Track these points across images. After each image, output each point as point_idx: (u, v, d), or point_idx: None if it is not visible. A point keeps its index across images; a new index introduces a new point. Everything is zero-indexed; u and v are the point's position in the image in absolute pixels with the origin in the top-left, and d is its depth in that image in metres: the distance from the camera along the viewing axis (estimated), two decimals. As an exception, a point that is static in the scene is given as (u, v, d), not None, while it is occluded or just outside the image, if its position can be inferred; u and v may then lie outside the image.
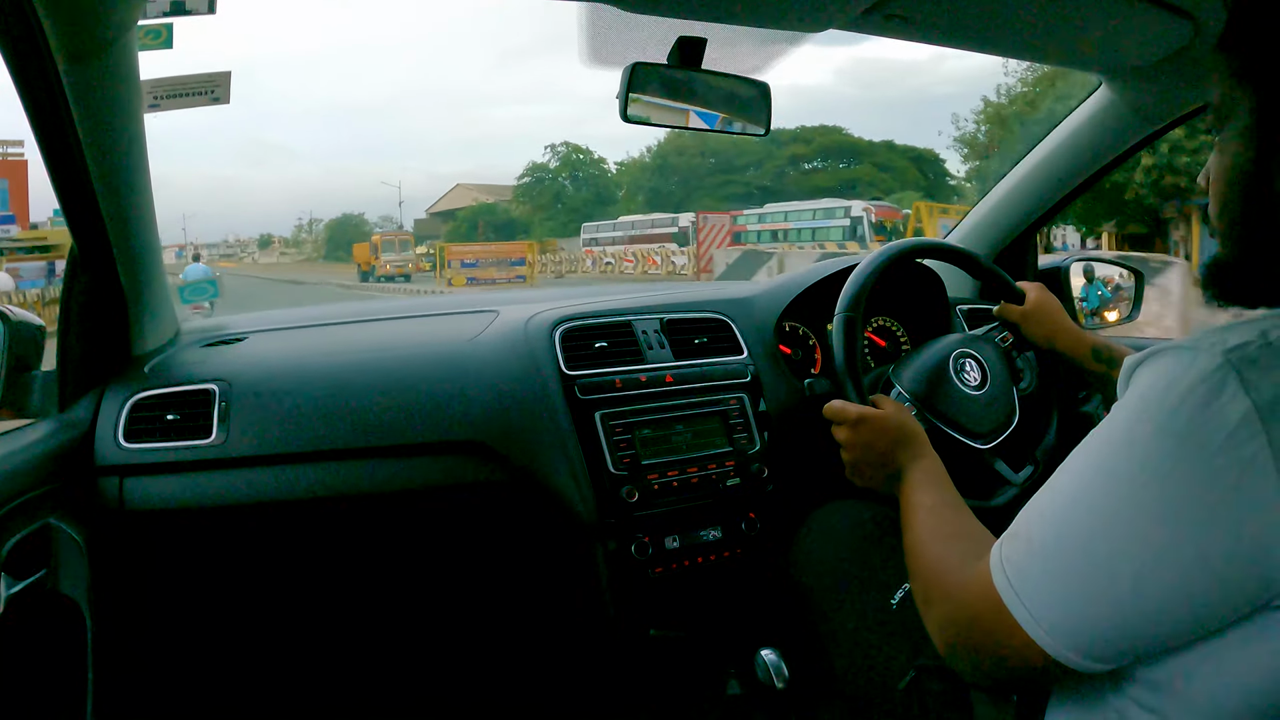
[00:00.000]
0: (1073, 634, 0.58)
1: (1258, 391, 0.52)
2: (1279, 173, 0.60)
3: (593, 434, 1.25)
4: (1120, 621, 0.57)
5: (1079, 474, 0.61)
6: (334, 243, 68.28)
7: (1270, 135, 0.60)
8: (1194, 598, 0.54)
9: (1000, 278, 1.29)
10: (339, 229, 69.59)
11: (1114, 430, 0.59)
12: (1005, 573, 0.63)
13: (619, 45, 1.23)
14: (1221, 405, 0.53)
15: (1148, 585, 0.55)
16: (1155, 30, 1.21)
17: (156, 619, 1.35)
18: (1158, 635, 0.57)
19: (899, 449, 0.98)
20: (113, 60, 1.05)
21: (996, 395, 1.19)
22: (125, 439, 1.21)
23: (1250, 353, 0.54)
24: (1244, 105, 0.62)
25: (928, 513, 0.86)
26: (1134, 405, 0.58)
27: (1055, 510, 0.62)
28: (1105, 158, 1.54)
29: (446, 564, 1.44)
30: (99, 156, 1.11)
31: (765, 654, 1.22)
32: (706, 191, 47.16)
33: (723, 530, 1.31)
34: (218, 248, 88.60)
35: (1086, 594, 0.58)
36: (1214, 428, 0.53)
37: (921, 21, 1.19)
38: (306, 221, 79.70)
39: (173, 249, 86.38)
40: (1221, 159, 0.65)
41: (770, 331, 1.43)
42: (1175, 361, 0.56)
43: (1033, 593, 0.60)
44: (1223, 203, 0.66)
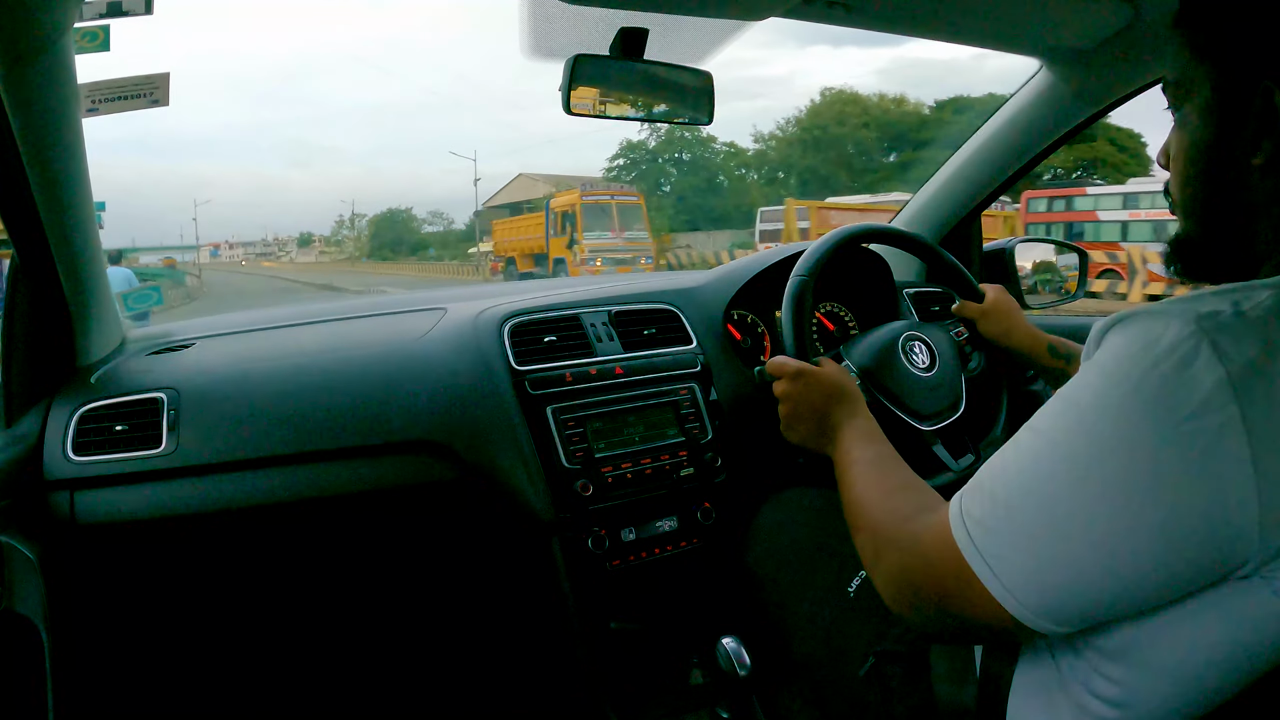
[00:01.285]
0: (1034, 596, 0.58)
1: (1230, 360, 0.52)
2: (1239, 149, 0.60)
3: (545, 428, 1.25)
4: (1084, 585, 0.56)
5: (1047, 433, 0.60)
6: (379, 239, 64.38)
7: (1229, 112, 0.61)
8: (1159, 564, 0.54)
9: (962, 275, 1.31)
10: (385, 225, 65.45)
11: (1083, 391, 0.58)
12: (966, 526, 0.62)
13: (560, 37, 1.22)
14: (1194, 372, 0.52)
15: (1113, 550, 0.55)
16: (1096, 13, 1.23)
17: (115, 634, 1.34)
18: (1122, 600, 0.57)
19: (835, 405, 0.99)
20: (49, 64, 1.03)
21: (943, 380, 1.21)
22: (74, 452, 1.19)
23: (1223, 320, 0.54)
24: (1203, 82, 0.62)
25: (868, 465, 0.86)
26: (1105, 368, 0.57)
27: (1022, 468, 0.60)
28: (1047, 139, 1.55)
29: (404, 564, 1.44)
30: (37, 162, 1.09)
31: (726, 642, 1.22)
32: (885, 171, 36.05)
33: (678, 520, 1.32)
34: (255, 246, 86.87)
35: (1050, 556, 0.57)
36: (1186, 394, 0.52)
37: (862, 8, 1.20)
38: (348, 216, 73.78)
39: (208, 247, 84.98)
40: (1181, 136, 0.66)
41: (719, 320, 1.44)
42: (1148, 326, 0.56)
43: (995, 550, 0.59)
44: (1183, 179, 0.66)
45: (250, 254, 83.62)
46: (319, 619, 1.48)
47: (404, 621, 1.51)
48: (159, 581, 1.34)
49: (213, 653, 1.44)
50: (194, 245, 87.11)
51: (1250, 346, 0.52)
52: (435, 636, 1.53)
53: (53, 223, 1.16)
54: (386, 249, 61.25)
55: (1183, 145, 0.66)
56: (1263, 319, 0.54)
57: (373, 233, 67.01)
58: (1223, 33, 0.61)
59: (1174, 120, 0.67)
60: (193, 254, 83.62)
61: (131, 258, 48.91)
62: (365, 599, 1.47)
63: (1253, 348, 0.52)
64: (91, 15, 1.29)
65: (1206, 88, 0.62)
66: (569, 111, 1.19)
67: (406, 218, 65.75)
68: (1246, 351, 0.52)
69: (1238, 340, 0.53)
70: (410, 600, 1.49)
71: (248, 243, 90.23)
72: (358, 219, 71.83)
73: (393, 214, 66.31)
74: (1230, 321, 0.54)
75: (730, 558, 1.26)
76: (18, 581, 1.09)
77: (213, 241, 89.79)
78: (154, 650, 1.40)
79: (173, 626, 1.39)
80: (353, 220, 72.60)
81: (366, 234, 68.39)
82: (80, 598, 1.22)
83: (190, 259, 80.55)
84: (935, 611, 0.66)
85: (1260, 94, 0.58)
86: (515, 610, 1.46)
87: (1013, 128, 1.57)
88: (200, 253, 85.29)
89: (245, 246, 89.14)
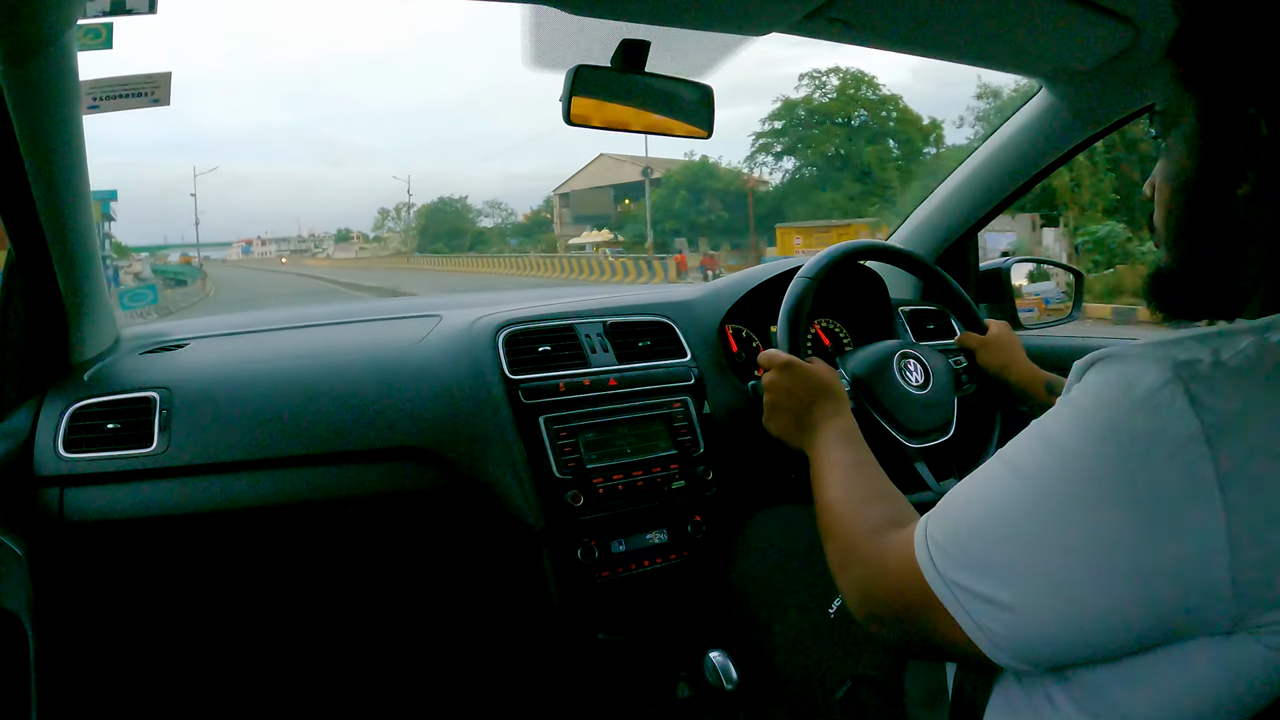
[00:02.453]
0: (997, 629, 0.56)
1: (1207, 411, 0.50)
2: (1224, 178, 0.59)
3: (537, 438, 1.25)
4: (1044, 627, 0.55)
5: (1018, 468, 0.58)
6: (431, 232, 57.70)
7: (1215, 139, 0.60)
8: (1124, 613, 0.52)
9: (967, 305, 1.32)
10: (437, 216, 58.44)
11: (1058, 429, 0.57)
12: (929, 550, 0.61)
13: (562, 48, 1.23)
14: (1168, 422, 0.50)
15: (1076, 595, 0.53)
16: (1096, 35, 1.23)
17: (100, 632, 1.33)
18: (1085, 645, 0.55)
19: (819, 401, 0.98)
20: (52, 61, 1.03)
21: (935, 400, 1.21)
22: (65, 449, 1.19)
23: (1201, 370, 0.52)
24: (1189, 113, 0.61)
25: (845, 470, 0.85)
26: (1081, 408, 0.55)
27: (989, 500, 0.59)
28: (1046, 159, 1.56)
29: (393, 571, 1.43)
30: (37, 158, 1.09)
31: (714, 656, 1.22)
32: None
33: (668, 533, 1.31)
34: (289, 242, 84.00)
35: (1008, 593, 0.55)
36: (1159, 443, 0.51)
37: (863, 26, 1.20)
38: (394, 208, 65.47)
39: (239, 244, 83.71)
40: (1166, 165, 0.65)
41: (714, 334, 1.44)
42: (1124, 371, 0.54)
43: (956, 578, 0.58)
44: (1167, 209, 0.65)
45: (285, 250, 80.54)
46: (307, 623, 1.47)
47: (392, 628, 1.51)
48: (146, 581, 1.33)
49: (198, 654, 1.44)
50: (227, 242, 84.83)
51: (1227, 398, 0.51)
52: (423, 643, 1.52)
53: (50, 219, 1.16)
54: (440, 242, 54.95)
55: (1167, 175, 0.65)
56: (1241, 369, 0.52)
57: (423, 225, 60.09)
58: (1211, 61, 0.60)
59: (1161, 151, 0.66)
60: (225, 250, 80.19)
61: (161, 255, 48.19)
62: (354, 605, 1.47)
63: (1230, 399, 0.51)
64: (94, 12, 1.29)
65: (1193, 116, 0.61)
66: (569, 121, 1.20)
67: (461, 208, 58.70)
68: (1223, 403, 0.51)
69: (1214, 391, 0.51)
70: (399, 607, 1.49)
71: (281, 239, 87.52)
72: (404, 210, 64.40)
73: (444, 204, 59.16)
74: (1208, 371, 0.52)
75: (719, 572, 1.26)
76: (4, 577, 1.09)
77: (244, 238, 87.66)
78: (139, 649, 1.40)
79: (158, 626, 1.39)
80: (399, 211, 65.44)
81: (416, 226, 61.26)
82: (67, 595, 1.22)
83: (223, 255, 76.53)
84: (898, 628, 0.66)
85: (1247, 122, 0.57)
86: (503, 619, 1.45)
87: (1012, 147, 1.57)
88: (232, 249, 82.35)
89: (279, 243, 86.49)
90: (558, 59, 1.22)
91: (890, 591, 0.65)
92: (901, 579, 0.63)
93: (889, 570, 0.66)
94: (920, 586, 0.61)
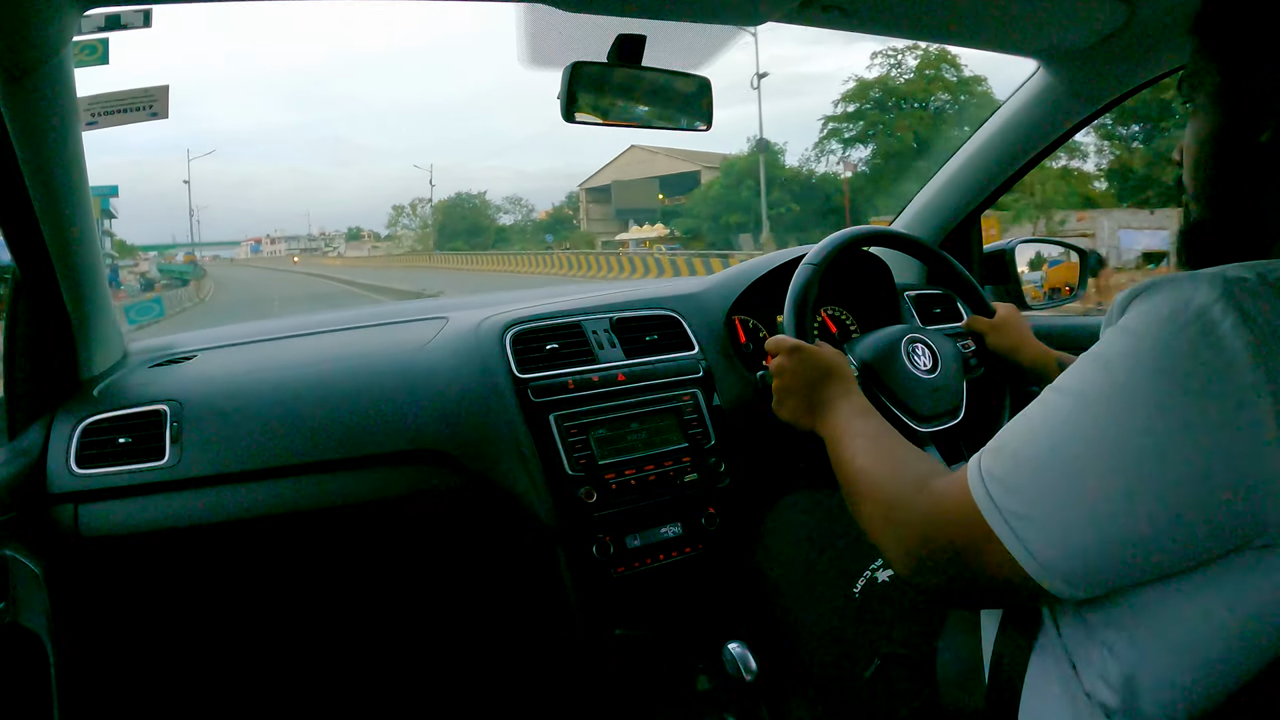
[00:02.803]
0: (1055, 556, 0.58)
1: (1257, 324, 0.53)
2: (1247, 128, 0.64)
3: (548, 436, 1.25)
4: (1105, 545, 0.57)
5: (1074, 394, 0.60)
6: (448, 230, 54.12)
7: (1237, 95, 0.65)
8: (1182, 529, 0.54)
9: (973, 289, 1.32)
10: (454, 212, 54.82)
11: (1111, 353, 0.59)
12: (986, 487, 0.62)
13: (558, 45, 1.23)
14: (1221, 335, 0.53)
15: (1136, 513, 0.55)
16: (1091, 13, 1.23)
17: (120, 647, 1.33)
18: (1140, 562, 0.57)
19: (829, 381, 0.99)
20: (49, 78, 1.03)
21: (944, 384, 1.21)
22: (77, 465, 1.19)
23: (1250, 286, 0.55)
24: (1213, 73, 0.66)
25: (869, 439, 0.86)
26: (1134, 330, 0.58)
27: (1047, 429, 0.61)
28: (1045, 139, 1.56)
29: (409, 574, 1.43)
30: (37, 175, 1.09)
31: (732, 647, 1.22)
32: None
33: (683, 526, 1.31)
34: (299, 240, 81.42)
35: (1073, 515, 0.57)
36: (1213, 357, 0.53)
37: (858, 11, 1.20)
38: (409, 204, 60.75)
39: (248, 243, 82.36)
40: (1193, 125, 0.69)
41: (721, 326, 1.44)
42: (1175, 292, 0.56)
43: (1016, 509, 0.60)
44: (1195, 164, 0.69)
45: (295, 249, 77.03)
46: (324, 630, 1.47)
47: (409, 631, 1.51)
48: (163, 593, 1.33)
49: (217, 664, 1.44)
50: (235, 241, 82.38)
51: (1276, 311, 0.54)
52: (441, 645, 1.52)
53: (54, 236, 1.16)
54: (459, 240, 51.80)
55: (1195, 133, 0.69)
56: None
57: (441, 222, 56.35)
58: (1232, 28, 0.65)
59: (1189, 114, 0.70)
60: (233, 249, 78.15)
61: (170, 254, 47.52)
62: (370, 609, 1.47)
63: (1277, 312, 0.54)
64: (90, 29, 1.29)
65: (1216, 76, 0.66)
66: (568, 119, 1.20)
67: (480, 204, 55.21)
68: (1273, 316, 0.53)
69: (1264, 305, 0.54)
70: (415, 609, 1.49)
71: (291, 237, 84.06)
72: (422, 205, 59.89)
73: (462, 200, 55.57)
74: (1256, 288, 0.55)
75: (735, 563, 1.26)
76: (22, 595, 1.09)
77: (253, 236, 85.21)
78: (158, 662, 1.40)
79: (177, 638, 1.39)
80: (415, 207, 60.95)
81: (435, 222, 56.92)
82: (85, 611, 1.22)
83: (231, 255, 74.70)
84: (949, 571, 0.66)
85: (1266, 79, 0.62)
86: (521, 618, 1.45)
87: (1011, 129, 1.57)
88: (240, 248, 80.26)
89: (289, 241, 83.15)
90: (554, 57, 1.22)
91: (943, 536, 0.66)
92: (957, 521, 0.64)
93: (942, 514, 0.67)
94: (976, 525, 0.62)
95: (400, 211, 63.08)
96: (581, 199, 47.32)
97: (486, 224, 54.63)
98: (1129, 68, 1.38)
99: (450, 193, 62.08)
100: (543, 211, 54.86)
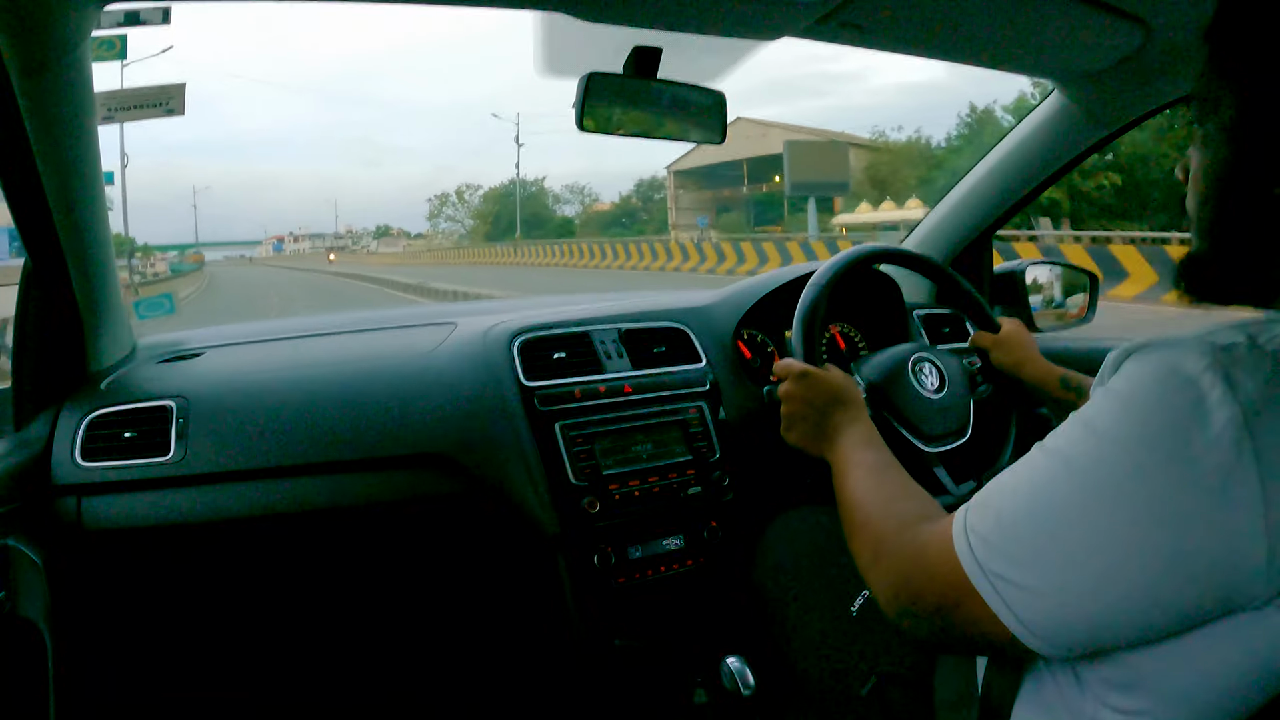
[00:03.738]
0: (1036, 618, 0.57)
1: (1245, 394, 0.52)
2: (1260, 173, 0.60)
3: (553, 445, 1.25)
4: (1086, 611, 0.56)
5: (1058, 457, 0.59)
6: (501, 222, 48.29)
7: (1248, 133, 0.60)
8: (1164, 595, 0.54)
9: (979, 305, 1.31)
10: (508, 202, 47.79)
11: (1099, 417, 0.58)
12: (969, 541, 0.61)
13: (575, 55, 1.23)
14: (1208, 407, 0.52)
15: (1118, 578, 0.54)
16: (1108, 36, 1.22)
17: (119, 639, 1.34)
18: (1124, 629, 0.56)
19: (836, 408, 0.98)
20: (67, 72, 1.03)
21: (952, 404, 1.20)
22: (82, 458, 1.20)
23: (1238, 354, 0.54)
24: (1228, 101, 0.61)
25: (869, 471, 0.85)
26: (1122, 395, 0.57)
27: (1032, 488, 0.60)
28: (1059, 161, 1.55)
29: (410, 577, 1.44)
30: (53, 170, 1.10)
31: (730, 661, 1.22)
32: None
33: (685, 539, 1.31)
34: (324, 239, 78.96)
35: (1053, 580, 0.56)
36: (1200, 427, 0.52)
37: (875, 29, 1.20)
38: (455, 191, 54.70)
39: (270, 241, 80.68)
40: (1203, 153, 0.65)
41: (729, 339, 1.44)
42: (1165, 357, 0.55)
43: (997, 568, 0.59)
44: (1202, 198, 0.66)
45: (320, 247, 73.24)
46: (323, 630, 1.48)
47: (409, 634, 1.51)
48: (164, 589, 1.34)
49: (216, 661, 1.44)
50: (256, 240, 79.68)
51: (1265, 381, 0.52)
52: (440, 650, 1.52)
53: (66, 229, 1.17)
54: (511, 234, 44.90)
55: (1203, 164, 0.65)
56: (1277, 353, 0.54)
57: (496, 212, 50.70)
58: (1251, 53, 0.60)
59: (1197, 136, 0.66)
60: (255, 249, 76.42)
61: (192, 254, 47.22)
62: (369, 611, 1.47)
63: (1268, 383, 0.52)
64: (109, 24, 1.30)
65: (1231, 107, 0.61)
66: (582, 128, 1.20)
67: (538, 192, 50.03)
68: (1261, 387, 0.52)
69: (1252, 374, 0.52)
70: (415, 613, 1.49)
71: (316, 234, 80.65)
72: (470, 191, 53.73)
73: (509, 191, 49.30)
74: (1246, 356, 0.53)
75: (736, 577, 1.26)
76: (22, 585, 1.10)
77: (275, 234, 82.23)
78: (157, 657, 1.40)
79: (177, 634, 1.39)
80: (462, 196, 55.13)
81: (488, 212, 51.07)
82: (85, 603, 1.23)
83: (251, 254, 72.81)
84: (932, 621, 0.66)
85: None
86: (520, 626, 1.45)
87: (1025, 150, 1.56)
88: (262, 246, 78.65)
89: (313, 239, 79.79)
90: (570, 66, 1.22)
91: (926, 585, 0.65)
92: (939, 572, 0.63)
93: (926, 563, 0.66)
94: (958, 578, 0.61)
95: (444, 201, 56.06)
96: (669, 184, 40.93)
97: (547, 215, 48.85)
98: (1146, 91, 1.37)
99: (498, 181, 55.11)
100: (608, 202, 49.87)
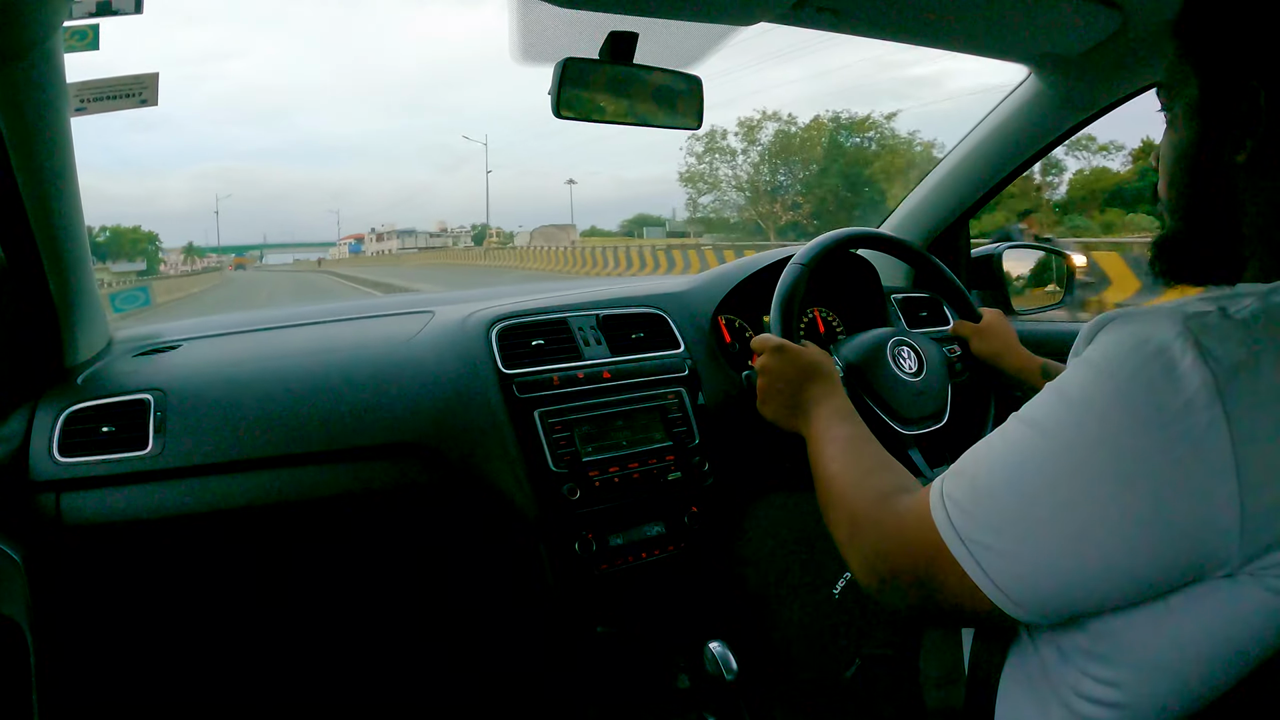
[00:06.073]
0: (1013, 584, 0.58)
1: (1216, 362, 0.53)
2: (1224, 147, 0.62)
3: (532, 432, 1.25)
4: (1062, 576, 0.57)
5: (1035, 424, 0.61)
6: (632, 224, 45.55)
7: (1215, 110, 0.63)
8: (1135, 562, 0.55)
9: (960, 293, 1.32)
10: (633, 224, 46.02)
11: (1074, 386, 0.59)
12: (946, 509, 0.62)
13: (550, 41, 1.22)
14: (1180, 373, 0.53)
15: (1093, 543, 0.55)
16: (1083, 20, 1.23)
17: (101, 636, 1.33)
18: (1099, 594, 0.57)
19: (812, 382, 0.99)
20: (38, 63, 1.02)
21: (929, 387, 1.22)
22: (60, 453, 1.19)
23: (1209, 322, 0.55)
24: (1191, 83, 0.64)
25: (845, 444, 0.86)
26: (1096, 365, 0.58)
27: (1007, 457, 0.61)
28: (1034, 146, 1.57)
29: (391, 567, 1.43)
30: (25, 162, 1.08)
31: (713, 646, 1.22)
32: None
33: (665, 525, 1.31)
34: (417, 236, 74.25)
35: (1030, 546, 0.57)
36: (1172, 394, 0.53)
37: (850, 14, 1.21)
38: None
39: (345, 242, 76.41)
40: (1170, 136, 0.68)
41: (707, 324, 1.44)
42: (1137, 327, 0.57)
43: (974, 536, 0.60)
44: (1170, 178, 0.68)
45: (411, 247, 67.07)
46: (307, 621, 1.47)
47: (391, 624, 1.51)
48: (145, 583, 1.33)
49: (198, 655, 1.43)
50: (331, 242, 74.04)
51: (1235, 348, 0.53)
52: (422, 639, 1.52)
53: (40, 222, 1.15)
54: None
55: (1171, 145, 0.68)
56: (1246, 322, 0.55)
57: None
58: (1213, 35, 0.63)
59: (1166, 122, 0.69)
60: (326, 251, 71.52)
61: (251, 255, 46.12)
62: (352, 602, 1.47)
63: (1237, 350, 0.53)
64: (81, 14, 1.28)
65: (1194, 87, 0.64)
66: (558, 115, 1.19)
67: (650, 220, 47.46)
68: (1231, 353, 0.53)
69: (1223, 342, 0.54)
70: (397, 603, 1.49)
71: (405, 231, 71.64)
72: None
73: (641, 218, 47.80)
74: (1216, 324, 0.55)
75: (717, 562, 1.26)
76: (2, 583, 1.09)
77: (353, 234, 73.75)
78: (139, 652, 1.39)
79: (159, 628, 1.39)
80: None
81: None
82: (66, 599, 1.22)
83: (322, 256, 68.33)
84: (911, 592, 0.66)
85: (1246, 94, 0.60)
86: (502, 614, 1.45)
87: (1000, 134, 1.58)
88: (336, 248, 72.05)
89: (401, 236, 71.65)
90: (546, 52, 1.21)
91: (904, 555, 0.66)
92: (916, 541, 0.64)
93: (903, 533, 0.67)
94: (935, 547, 0.62)
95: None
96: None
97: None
98: (1120, 76, 1.38)
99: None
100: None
